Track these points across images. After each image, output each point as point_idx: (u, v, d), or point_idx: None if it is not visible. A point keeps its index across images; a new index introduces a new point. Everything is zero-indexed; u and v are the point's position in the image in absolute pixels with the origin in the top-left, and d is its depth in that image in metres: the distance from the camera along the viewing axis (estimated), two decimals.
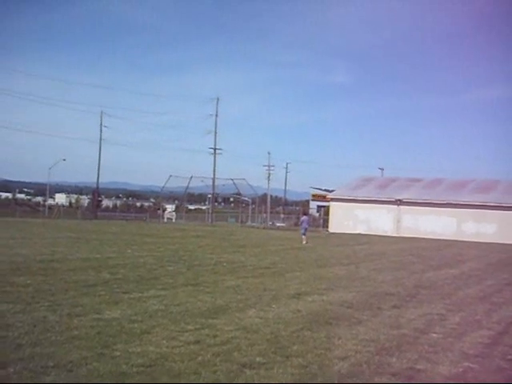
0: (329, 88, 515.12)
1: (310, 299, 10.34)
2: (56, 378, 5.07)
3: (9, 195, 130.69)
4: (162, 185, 67.68)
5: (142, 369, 5.48)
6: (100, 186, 76.53)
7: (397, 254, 24.69)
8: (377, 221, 49.56)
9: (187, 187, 67.59)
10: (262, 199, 75.00)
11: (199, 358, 5.93)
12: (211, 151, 67.27)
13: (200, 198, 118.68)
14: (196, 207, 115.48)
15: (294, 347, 6.63)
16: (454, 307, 10.32)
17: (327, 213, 56.37)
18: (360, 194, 51.99)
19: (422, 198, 48.96)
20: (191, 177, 65.45)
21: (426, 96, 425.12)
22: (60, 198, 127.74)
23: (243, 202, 73.46)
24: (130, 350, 6.10)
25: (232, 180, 67.78)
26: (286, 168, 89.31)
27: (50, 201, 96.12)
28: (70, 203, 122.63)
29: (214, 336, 6.96)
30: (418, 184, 53.85)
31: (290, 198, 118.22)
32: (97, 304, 8.66)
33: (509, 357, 6.78)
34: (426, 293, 12.09)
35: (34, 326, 6.95)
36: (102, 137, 68.66)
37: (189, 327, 7.38)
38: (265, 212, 68.78)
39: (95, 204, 73.08)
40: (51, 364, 5.44)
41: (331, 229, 51.05)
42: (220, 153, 67.84)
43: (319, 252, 23.63)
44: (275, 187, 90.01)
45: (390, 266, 18.24)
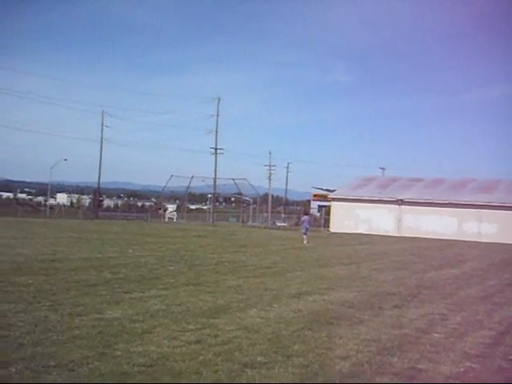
0: (329, 88, 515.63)
1: (311, 299, 10.33)
2: (57, 378, 5.07)
3: (10, 195, 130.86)
4: (163, 184, 67.58)
5: (144, 368, 5.48)
6: (101, 186, 76.62)
7: (398, 254, 24.68)
8: (378, 220, 49.56)
9: (188, 187, 67.52)
10: (263, 199, 75.00)
11: (200, 358, 5.93)
12: (212, 151, 67.23)
13: (201, 198, 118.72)
14: (197, 207, 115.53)
15: (295, 347, 6.62)
16: (456, 307, 10.31)
17: (328, 212, 56.37)
18: (361, 194, 51.99)
19: (424, 198, 48.95)
20: (192, 177, 65.41)
21: (427, 96, 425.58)
22: (61, 198, 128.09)
23: (244, 202, 73.46)
24: (132, 350, 6.10)
25: (233, 180, 67.73)
26: (287, 168, 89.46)
27: (52, 201, 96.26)
28: (71, 203, 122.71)
29: (216, 336, 6.96)
30: (419, 184, 53.85)
31: (291, 198, 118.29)
32: (98, 304, 8.67)
33: (510, 357, 6.77)
34: (428, 293, 12.08)
35: (36, 326, 6.96)
36: (103, 136, 68.68)
37: (190, 327, 7.38)
38: (266, 212, 68.78)
39: (96, 204, 73.10)
40: (52, 363, 5.44)
41: (332, 228, 51.05)
42: (221, 153, 67.79)
43: (320, 252, 23.63)
44: (276, 187, 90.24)
45: (392, 266, 18.24)
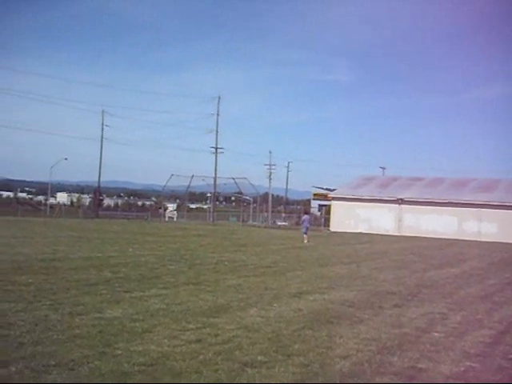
0: (330, 87, 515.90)
1: (312, 298, 10.33)
2: (57, 377, 5.07)
3: (10, 194, 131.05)
4: (164, 184, 67.54)
5: (144, 368, 5.48)
6: (101, 185, 76.54)
7: (398, 253, 24.69)
8: (378, 220, 49.57)
9: (188, 186, 67.44)
10: (264, 198, 74.95)
11: (200, 357, 5.93)
12: (212, 150, 67.11)
13: (201, 197, 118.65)
14: (197, 206, 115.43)
15: (296, 346, 6.62)
16: (456, 306, 10.32)
17: (328, 212, 56.35)
18: (361, 193, 52.00)
19: (424, 197, 48.95)
20: (192, 176, 65.38)
21: (427, 95, 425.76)
22: (61, 197, 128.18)
23: (244, 201, 73.39)
24: (132, 349, 6.10)
25: (233, 179, 67.74)
26: (288, 167, 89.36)
27: (52, 200, 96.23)
28: (72, 202, 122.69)
29: (216, 335, 6.96)
30: (420, 183, 53.84)
31: (292, 197, 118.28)
32: (98, 303, 8.67)
33: (510, 356, 6.77)
34: (428, 292, 12.08)
35: (36, 325, 6.96)
36: (103, 135, 68.61)
37: (190, 326, 7.38)
38: (266, 211, 68.74)
39: (96, 203, 73.03)
40: (53, 363, 5.44)
41: (332, 228, 51.05)
42: (221, 152, 67.63)
43: (320, 251, 23.63)
44: (276, 186, 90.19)
45: (392, 265, 18.24)
